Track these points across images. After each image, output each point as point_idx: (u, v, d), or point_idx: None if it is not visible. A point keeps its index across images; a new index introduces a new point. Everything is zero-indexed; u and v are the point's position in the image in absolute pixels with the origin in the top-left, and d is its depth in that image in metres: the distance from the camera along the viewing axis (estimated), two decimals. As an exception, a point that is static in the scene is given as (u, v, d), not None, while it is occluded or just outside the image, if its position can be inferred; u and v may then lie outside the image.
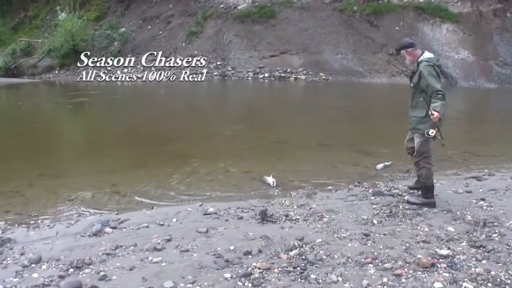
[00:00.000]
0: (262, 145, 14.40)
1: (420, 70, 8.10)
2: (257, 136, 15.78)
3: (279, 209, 8.14)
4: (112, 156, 13.29)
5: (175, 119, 20.53)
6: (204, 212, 8.10)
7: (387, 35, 34.99)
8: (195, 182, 10.25)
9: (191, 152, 13.18)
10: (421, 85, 8.07)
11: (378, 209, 7.95)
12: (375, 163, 11.38)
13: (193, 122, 19.68)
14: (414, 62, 8.39)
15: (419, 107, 8.19)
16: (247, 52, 37.55)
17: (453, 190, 9.09)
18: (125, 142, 15.55)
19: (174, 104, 26.47)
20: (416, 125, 8.29)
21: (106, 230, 7.31)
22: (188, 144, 14.68)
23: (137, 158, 12.88)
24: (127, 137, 16.35)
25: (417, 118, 8.24)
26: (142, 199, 9.12)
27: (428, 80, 7.97)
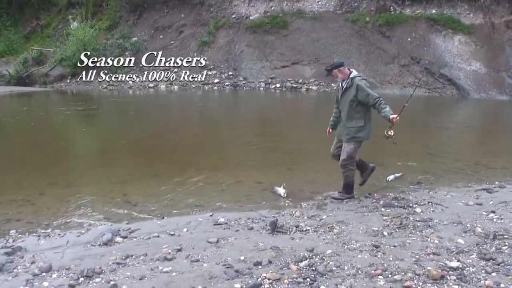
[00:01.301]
0: (274, 155, 14.40)
1: (357, 84, 9.05)
2: (269, 147, 15.77)
3: (290, 220, 8.17)
4: (123, 166, 13.32)
5: (187, 128, 20.57)
6: (215, 222, 8.13)
7: (399, 46, 34.94)
8: (205, 192, 10.26)
9: (202, 162, 13.22)
10: (359, 97, 9.01)
11: (389, 220, 7.95)
12: (385, 174, 11.38)
13: (205, 131, 19.74)
14: (345, 79, 9.21)
15: (355, 118, 9.16)
16: (259, 62, 37.60)
17: (464, 202, 9.05)
18: (136, 151, 15.61)
19: (185, 114, 26.52)
20: (354, 134, 9.19)
21: (116, 239, 7.34)
22: (199, 154, 14.72)
23: (148, 167, 12.91)
24: (139, 146, 16.38)
25: (355, 128, 9.18)
26: (152, 209, 9.16)
27: (367, 91, 9.02)
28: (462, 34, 34.20)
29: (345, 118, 9.25)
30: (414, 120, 22.36)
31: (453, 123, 21.69)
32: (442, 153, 14.49)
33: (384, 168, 12.10)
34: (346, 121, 9.24)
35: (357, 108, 9.13)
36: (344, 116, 9.26)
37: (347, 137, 9.26)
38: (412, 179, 11.10)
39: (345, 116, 9.23)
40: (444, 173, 11.79)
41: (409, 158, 13.26)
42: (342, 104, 9.35)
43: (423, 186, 10.55)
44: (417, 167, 12.30)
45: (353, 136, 9.22)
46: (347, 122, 9.23)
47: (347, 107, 9.18)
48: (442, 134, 18.58)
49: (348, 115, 9.20)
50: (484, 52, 33.34)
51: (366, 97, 8.97)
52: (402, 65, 33.93)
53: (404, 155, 13.75)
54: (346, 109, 9.21)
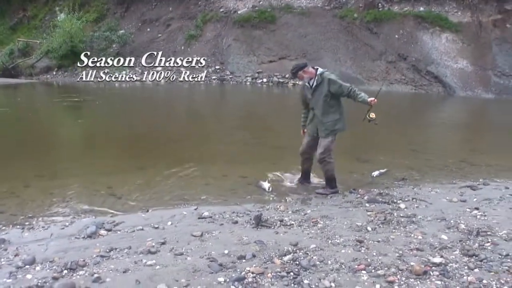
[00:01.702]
0: (260, 150, 14.43)
1: (328, 78, 9.27)
2: (255, 141, 15.81)
3: (274, 214, 8.17)
4: (109, 158, 13.30)
5: (173, 122, 20.55)
6: (199, 216, 8.12)
7: (387, 43, 34.97)
8: (190, 186, 10.26)
9: (188, 156, 13.20)
10: (332, 90, 9.22)
11: (373, 216, 7.96)
12: (370, 170, 11.41)
13: (191, 125, 19.73)
14: (312, 78, 9.38)
15: (331, 112, 9.36)
16: (246, 56, 37.56)
17: (448, 199, 9.09)
18: (121, 144, 15.60)
19: (171, 107, 26.47)
20: (333, 128, 9.39)
21: (100, 232, 7.33)
22: (185, 148, 14.72)
23: (134, 160, 12.89)
24: (124, 139, 16.39)
25: (332, 121, 9.37)
26: (137, 202, 9.16)
27: (339, 82, 9.27)
28: (450, 32, 34.25)
29: (320, 114, 9.35)
30: (400, 117, 22.48)
31: (439, 120, 21.75)
32: (427, 150, 14.56)
33: (369, 163, 12.17)
34: (322, 117, 9.35)
35: (331, 102, 9.30)
36: (320, 113, 9.36)
37: (326, 132, 9.39)
38: (397, 175, 11.13)
39: (321, 112, 9.34)
40: (429, 170, 11.83)
41: (394, 154, 13.30)
42: (314, 102, 9.43)
43: (407, 182, 10.59)
44: (402, 163, 12.34)
45: (331, 130, 9.38)
46: (323, 117, 9.35)
47: (322, 103, 9.31)
48: (427, 131, 18.64)
49: (323, 111, 9.33)
50: (471, 50, 33.42)
51: (339, 88, 9.20)
52: (389, 61, 33.98)
53: (389, 151, 13.82)
54: (320, 105, 9.33)
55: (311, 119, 9.64)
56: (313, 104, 9.47)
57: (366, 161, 12.56)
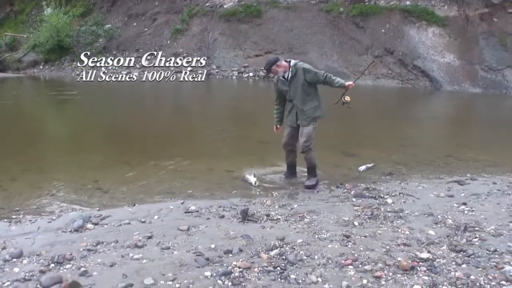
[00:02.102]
0: (246, 144, 14.43)
1: (302, 68, 9.40)
2: (241, 135, 15.81)
3: (261, 209, 8.18)
4: (96, 153, 13.26)
5: (159, 117, 20.48)
6: (186, 210, 8.12)
7: (373, 37, 34.92)
8: (177, 180, 10.25)
9: (175, 151, 13.18)
10: (308, 79, 9.41)
11: (360, 211, 7.98)
12: (357, 164, 11.39)
13: (177, 120, 19.66)
14: (286, 71, 9.47)
15: (309, 100, 9.50)
16: (232, 51, 37.47)
17: (435, 194, 9.11)
18: (108, 139, 15.57)
19: (158, 103, 26.40)
20: (313, 115, 9.52)
21: (87, 226, 7.32)
22: (171, 143, 14.71)
23: (121, 155, 12.87)
24: (111, 134, 16.35)
25: (312, 108, 9.52)
26: (124, 196, 9.15)
27: (313, 70, 9.46)
28: (436, 26, 34.20)
29: (301, 104, 9.44)
30: (387, 111, 22.49)
31: (426, 115, 21.75)
32: (414, 145, 14.56)
33: (356, 158, 12.16)
34: (302, 105, 9.44)
35: (309, 90, 9.43)
36: (300, 103, 9.45)
37: (308, 120, 9.48)
38: (383, 170, 11.11)
39: (301, 102, 9.44)
40: (416, 165, 11.83)
41: (381, 149, 13.30)
42: (293, 93, 9.50)
43: (394, 177, 10.58)
44: (389, 158, 12.34)
45: (313, 118, 9.49)
46: (304, 106, 9.45)
47: (300, 93, 9.41)
48: (414, 126, 18.62)
49: (303, 100, 9.43)
50: (458, 45, 33.42)
51: (314, 76, 9.37)
52: (376, 56, 33.87)
53: (376, 145, 13.83)
54: (299, 95, 9.43)
55: (290, 111, 9.73)
56: (291, 95, 9.54)
57: (352, 155, 12.55)
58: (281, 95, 9.82)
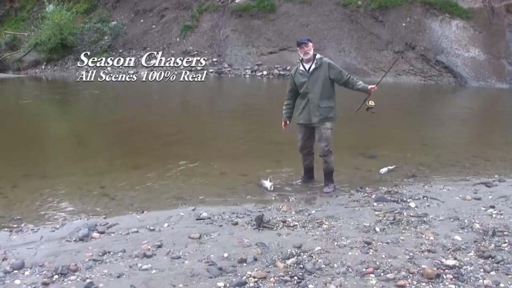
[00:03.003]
0: (261, 146, 14.41)
1: (328, 62, 9.44)
2: (255, 137, 15.78)
3: (276, 215, 8.15)
4: (102, 157, 13.29)
5: (169, 118, 20.51)
6: (197, 217, 8.10)
7: (393, 31, 34.80)
8: (188, 185, 10.24)
9: (185, 153, 13.13)
10: (332, 75, 9.44)
11: (381, 216, 7.93)
12: (378, 167, 11.36)
13: (188, 121, 19.68)
14: (310, 60, 9.50)
15: (327, 97, 9.43)
16: (245, 48, 37.45)
17: (461, 197, 9.04)
18: (115, 142, 15.57)
19: (168, 103, 26.42)
20: (327, 114, 9.40)
21: (93, 235, 7.31)
22: (181, 145, 14.68)
23: (128, 159, 12.89)
24: (117, 136, 16.35)
25: (328, 108, 9.44)
26: (131, 203, 9.13)
27: (339, 68, 9.55)
28: (460, 19, 34.05)
29: (317, 99, 9.36)
30: (409, 110, 22.43)
31: (450, 113, 21.68)
32: (438, 145, 14.52)
33: (376, 160, 12.13)
34: (319, 101, 9.36)
35: (328, 87, 9.42)
36: (316, 97, 9.36)
37: (321, 117, 9.40)
38: (406, 172, 11.07)
39: (318, 97, 9.36)
40: (440, 166, 11.78)
41: (403, 150, 13.25)
42: (310, 86, 9.40)
43: (417, 179, 10.54)
44: (412, 159, 12.29)
45: (326, 116, 9.41)
46: (320, 102, 9.37)
47: (320, 88, 9.36)
48: (438, 125, 18.57)
49: (321, 95, 9.37)
50: (483, 38, 33.26)
51: (339, 74, 9.40)
52: (396, 51, 33.77)
53: (398, 146, 13.79)
54: (317, 89, 9.36)
55: (303, 107, 9.60)
56: (308, 88, 9.44)
57: (372, 157, 12.51)
58: (294, 89, 9.75)
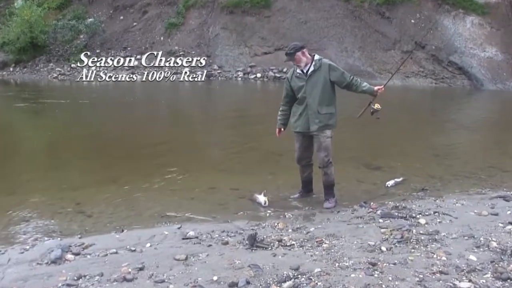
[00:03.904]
0: (254, 157, 14.45)
1: (328, 64, 9.43)
2: (248, 147, 15.80)
3: (271, 233, 8.15)
4: (77, 169, 13.29)
5: (153, 126, 20.53)
6: (183, 236, 8.09)
7: (401, 29, 34.84)
8: (173, 201, 10.25)
9: (170, 165, 13.14)
10: (333, 78, 9.41)
11: (388, 233, 7.94)
12: (384, 179, 11.38)
13: (175, 129, 19.71)
14: (308, 63, 9.44)
15: (327, 103, 9.44)
16: (236, 48, 37.46)
17: (476, 212, 9.05)
18: (92, 152, 15.58)
19: (152, 109, 26.41)
20: (328, 122, 9.41)
21: (67, 256, 7.29)
22: (167, 156, 14.68)
23: (106, 171, 12.88)
24: (95, 146, 16.36)
25: (328, 114, 9.45)
26: (110, 220, 9.12)
27: (340, 69, 9.56)
28: (475, 15, 34.08)
29: (317, 104, 9.37)
30: (418, 116, 22.44)
31: (464, 119, 21.76)
32: (450, 154, 14.53)
33: (382, 172, 12.16)
34: (318, 107, 9.37)
35: (329, 91, 9.44)
36: (315, 103, 9.37)
37: (320, 125, 9.40)
38: (415, 185, 11.11)
39: (317, 102, 9.36)
40: (453, 178, 11.83)
41: (412, 160, 13.28)
42: (308, 91, 9.41)
43: (428, 193, 10.56)
44: (422, 171, 12.32)
45: (325, 124, 9.42)
46: (320, 108, 9.37)
47: (320, 92, 9.36)
48: (451, 132, 18.63)
49: (320, 101, 9.37)
50: (501, 36, 33.29)
51: (341, 76, 9.42)
52: (405, 51, 33.78)
53: (406, 156, 13.82)
54: (317, 94, 9.37)
55: (300, 114, 9.61)
56: (306, 92, 9.46)
57: (377, 169, 12.54)
58: (290, 94, 9.79)
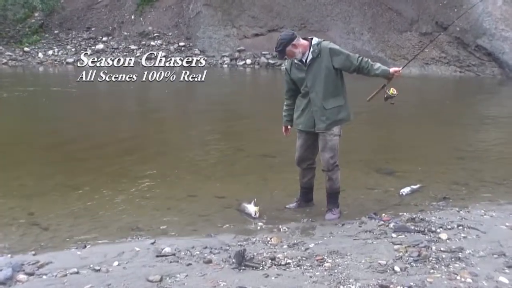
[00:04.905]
0: (243, 160, 14.45)
1: (329, 48, 9.20)
2: (236, 148, 15.83)
3: (263, 250, 8.13)
4: (31, 174, 13.22)
5: (120, 123, 20.48)
6: (158, 253, 8.06)
7: (419, 7, 34.76)
8: (146, 211, 10.25)
9: (143, 169, 13.16)
10: (336, 64, 9.22)
11: (402, 251, 7.92)
12: (398, 186, 11.39)
13: (146, 128, 19.67)
14: (305, 51, 9.25)
15: (333, 95, 9.30)
16: (222, 29, 37.42)
17: (508, 226, 9.05)
18: (48, 154, 15.49)
19: (119, 103, 26.41)
20: (336, 117, 9.31)
21: (19, 277, 7.28)
22: (138, 158, 14.73)
23: (65, 176, 12.82)
24: (52, 147, 16.26)
25: (336, 108, 9.33)
26: (70, 234, 9.11)
27: (344, 52, 9.30)
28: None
29: (321, 99, 9.24)
30: (439, 110, 22.43)
31: (494, 114, 21.73)
32: (477, 157, 14.60)
33: (396, 177, 12.17)
34: (323, 101, 9.22)
35: (334, 81, 9.29)
36: (319, 97, 9.25)
37: (327, 123, 9.27)
38: (435, 193, 11.10)
39: (321, 96, 9.23)
40: (480, 185, 11.85)
41: (431, 164, 13.30)
42: (310, 83, 9.29)
43: (450, 202, 10.54)
44: (443, 176, 12.33)
45: (334, 120, 9.29)
46: (325, 103, 9.23)
47: (323, 84, 9.21)
48: (477, 130, 18.63)
49: (324, 94, 9.26)
50: (538, 15, 33.38)
51: (346, 60, 9.21)
52: (424, 33, 33.80)
53: (425, 159, 13.83)
54: (321, 86, 9.23)
55: (303, 109, 9.51)
56: (308, 85, 9.34)
57: (391, 173, 12.54)
58: (293, 87, 9.68)
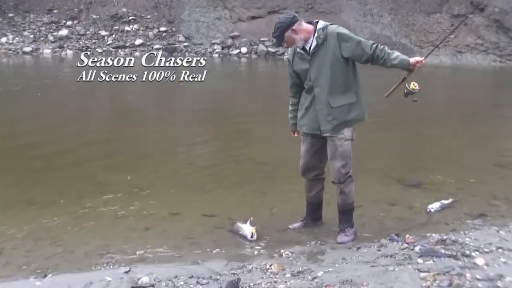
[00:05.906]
0: (237, 169, 14.42)
1: (336, 33, 8.87)
2: (229, 155, 15.83)
3: (261, 279, 8.05)
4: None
5: (90, 127, 20.53)
6: (134, 284, 8.01)
7: (451, -17, 34.86)
8: (119, 232, 10.18)
9: (116, 180, 13.14)
10: (345, 52, 8.85)
11: (430, 279, 7.87)
12: (425, 201, 11.31)
13: (120, 132, 19.67)
14: (309, 38, 8.96)
15: (342, 90, 8.97)
16: (212, 10, 37.39)
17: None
18: (4, 161, 15.47)
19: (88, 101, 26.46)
20: (346, 117, 8.98)
21: (-36, 314, 7.30)
22: (111, 166, 14.68)
23: (22, 189, 12.78)
24: (6, 152, 16.25)
25: (345, 106, 8.99)
26: (28, 260, 9.06)
27: (355, 38, 8.97)
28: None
29: (327, 94, 8.94)
30: (474, 108, 22.44)
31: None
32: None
33: (422, 190, 12.15)
34: (330, 97, 8.93)
35: (345, 73, 9.01)
36: (325, 92, 8.95)
37: (334, 123, 8.98)
38: (470, 209, 11.05)
39: (327, 91, 8.93)
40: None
41: (465, 173, 13.28)
42: (315, 75, 9.00)
43: (488, 220, 10.46)
44: (480, 189, 12.30)
45: (343, 121, 9.01)
46: (331, 99, 8.92)
47: (329, 76, 8.90)
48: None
49: (331, 88, 8.96)
50: None
51: (357, 47, 8.84)
52: (456, 15, 33.83)
53: (457, 168, 13.80)
54: (326, 79, 8.92)
55: (307, 108, 9.25)
56: (312, 78, 9.09)
57: (416, 186, 12.51)
58: (297, 81, 9.42)
